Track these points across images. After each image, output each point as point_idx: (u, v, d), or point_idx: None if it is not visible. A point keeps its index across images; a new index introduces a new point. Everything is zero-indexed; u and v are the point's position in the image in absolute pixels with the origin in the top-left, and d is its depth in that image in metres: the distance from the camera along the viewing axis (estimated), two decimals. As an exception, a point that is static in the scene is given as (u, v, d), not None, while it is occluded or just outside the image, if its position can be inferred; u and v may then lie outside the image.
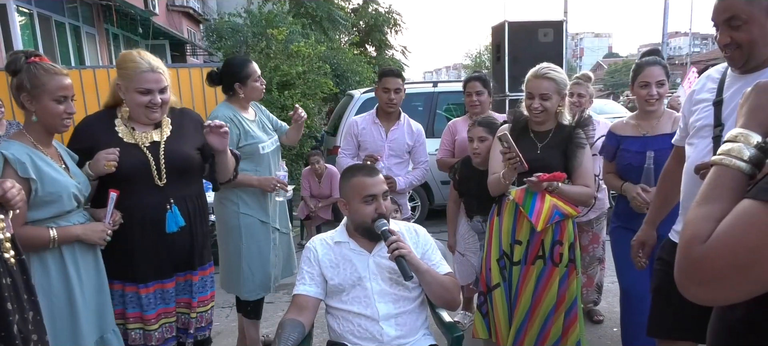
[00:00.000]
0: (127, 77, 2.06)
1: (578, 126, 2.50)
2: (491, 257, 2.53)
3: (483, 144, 2.84)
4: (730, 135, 0.93)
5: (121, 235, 2.04)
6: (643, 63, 2.65)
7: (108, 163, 1.97)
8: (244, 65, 2.84)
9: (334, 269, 2.02)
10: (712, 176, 0.92)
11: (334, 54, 12.87)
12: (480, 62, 43.94)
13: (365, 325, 1.96)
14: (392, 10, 19.72)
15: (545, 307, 2.46)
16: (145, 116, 2.10)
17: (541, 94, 2.41)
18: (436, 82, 7.28)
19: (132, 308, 2.13)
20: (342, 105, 7.51)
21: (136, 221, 2.07)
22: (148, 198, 2.08)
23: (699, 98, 1.82)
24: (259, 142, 2.83)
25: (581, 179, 2.45)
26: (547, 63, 2.49)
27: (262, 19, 11.24)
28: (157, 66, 2.08)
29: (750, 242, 0.77)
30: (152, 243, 2.11)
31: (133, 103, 2.07)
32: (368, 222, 1.96)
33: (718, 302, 0.86)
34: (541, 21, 4.33)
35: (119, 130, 2.11)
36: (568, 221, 2.45)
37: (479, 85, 3.34)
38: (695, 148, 1.78)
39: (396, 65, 20.21)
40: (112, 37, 12.59)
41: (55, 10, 9.77)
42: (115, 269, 2.09)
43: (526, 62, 4.07)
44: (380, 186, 1.99)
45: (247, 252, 2.82)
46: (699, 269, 0.82)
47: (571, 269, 2.46)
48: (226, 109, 2.79)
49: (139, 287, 2.12)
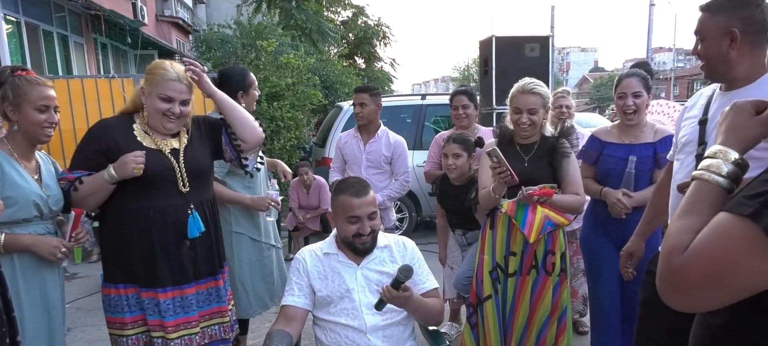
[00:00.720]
0: (153, 82, 2.07)
1: (561, 136, 2.55)
2: (483, 269, 2.55)
3: (458, 160, 2.89)
4: (709, 151, 0.98)
5: (139, 238, 2.05)
6: (622, 75, 2.75)
7: (137, 166, 1.97)
8: (246, 74, 2.86)
9: (322, 281, 2.03)
10: (692, 190, 0.96)
11: (324, 66, 12.91)
12: (468, 75, 44.29)
13: (353, 336, 1.97)
14: (381, 22, 19.79)
15: (540, 316, 2.51)
16: (161, 124, 2.10)
17: (529, 109, 2.47)
18: (425, 95, 7.33)
19: (151, 315, 2.11)
20: (331, 117, 7.53)
21: (156, 225, 2.07)
22: (170, 202, 2.09)
23: (689, 115, 1.87)
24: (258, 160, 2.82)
25: (571, 187, 2.49)
26: (529, 78, 2.54)
27: (251, 30, 11.26)
28: (183, 78, 2.11)
29: (724, 253, 0.81)
30: (173, 247, 2.10)
31: (153, 108, 2.08)
32: (349, 238, 1.99)
33: (696, 309, 0.90)
34: (528, 36, 4.40)
35: (138, 135, 2.11)
36: (559, 230, 2.49)
37: (465, 98, 3.43)
38: (681, 163, 1.83)
39: (385, 77, 20.30)
40: (101, 47, 12.52)
41: (43, 19, 9.71)
42: (131, 273, 2.09)
43: (514, 76, 4.13)
44: (365, 208, 1.97)
45: (239, 270, 2.79)
46: (677, 278, 0.86)
47: (563, 277, 2.51)
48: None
49: (157, 292, 2.10)
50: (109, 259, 2.15)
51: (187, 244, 2.12)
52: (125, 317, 2.12)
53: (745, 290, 0.82)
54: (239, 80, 2.82)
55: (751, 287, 0.81)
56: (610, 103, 39.61)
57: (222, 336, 2.28)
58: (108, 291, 2.14)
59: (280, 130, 8.05)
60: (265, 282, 2.86)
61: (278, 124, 8.01)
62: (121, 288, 2.11)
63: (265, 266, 2.86)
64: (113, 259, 2.12)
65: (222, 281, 2.27)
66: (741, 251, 0.79)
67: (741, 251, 0.79)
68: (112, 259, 2.13)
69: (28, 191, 1.90)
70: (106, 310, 2.17)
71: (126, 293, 2.11)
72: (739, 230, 0.80)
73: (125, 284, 2.11)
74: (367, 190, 2.02)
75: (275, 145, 7.83)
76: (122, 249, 2.09)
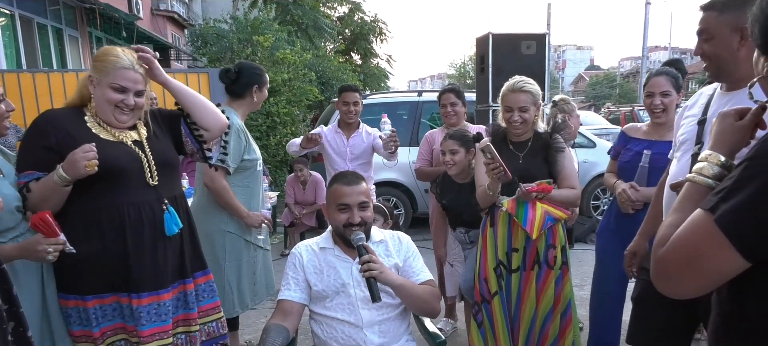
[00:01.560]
0: (104, 70, 1.86)
1: (554, 131, 2.57)
2: (487, 267, 2.57)
3: (455, 156, 2.89)
4: (701, 156, 1.07)
5: (112, 240, 1.85)
6: (652, 73, 2.74)
7: (89, 163, 1.71)
8: (263, 72, 2.85)
9: (318, 275, 2.03)
10: (684, 191, 1.05)
11: (320, 62, 12.89)
12: (464, 72, 44.30)
13: (349, 331, 1.98)
14: (378, 19, 19.78)
15: (543, 310, 2.53)
16: (113, 117, 1.88)
17: (520, 107, 2.49)
18: (421, 92, 7.34)
19: (130, 321, 1.92)
20: (327, 112, 7.53)
21: (131, 224, 1.87)
22: (142, 198, 1.90)
23: (689, 113, 1.88)
24: (258, 159, 2.80)
25: (566, 182, 2.52)
26: (519, 76, 2.56)
27: (247, 25, 11.22)
28: (138, 66, 1.91)
29: (691, 243, 0.91)
30: (149, 248, 1.91)
31: (103, 99, 1.86)
32: (340, 228, 2.00)
33: (681, 295, 0.98)
34: (525, 34, 4.40)
35: (92, 127, 1.88)
36: (558, 224, 2.51)
37: (453, 96, 3.53)
38: (678, 162, 1.85)
39: (381, 73, 20.28)
40: (96, 41, 12.46)
41: (38, 12, 9.65)
42: (106, 279, 1.88)
43: (510, 74, 4.12)
44: (355, 197, 2.00)
45: (229, 270, 2.77)
46: (660, 267, 0.97)
47: (565, 270, 2.53)
48: (236, 116, 2.69)
49: (131, 298, 1.89)
50: (71, 266, 1.83)
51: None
52: (93, 331, 1.88)
53: (716, 277, 0.91)
54: (258, 74, 2.79)
55: (719, 273, 0.90)
56: (606, 101, 39.75)
57: (219, 332, 2.18)
58: (69, 303, 1.88)
59: (276, 126, 8.04)
60: (249, 282, 2.83)
61: (274, 120, 8.01)
62: (89, 299, 1.87)
63: (251, 267, 2.84)
64: (79, 266, 1.83)
65: (192, 285, 2.08)
66: (703, 241, 0.89)
67: (703, 241, 0.89)
68: (78, 266, 1.83)
69: (10, 197, 1.73)
70: (68, 322, 1.90)
71: (100, 304, 1.89)
72: (701, 221, 0.90)
73: (97, 294, 1.88)
74: (360, 181, 2.06)
75: (271, 140, 7.82)
76: (94, 253, 1.83)
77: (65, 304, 1.88)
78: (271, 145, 7.79)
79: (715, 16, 1.64)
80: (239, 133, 2.65)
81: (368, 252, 1.91)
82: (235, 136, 2.63)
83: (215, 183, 2.63)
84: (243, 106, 2.79)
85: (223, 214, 2.73)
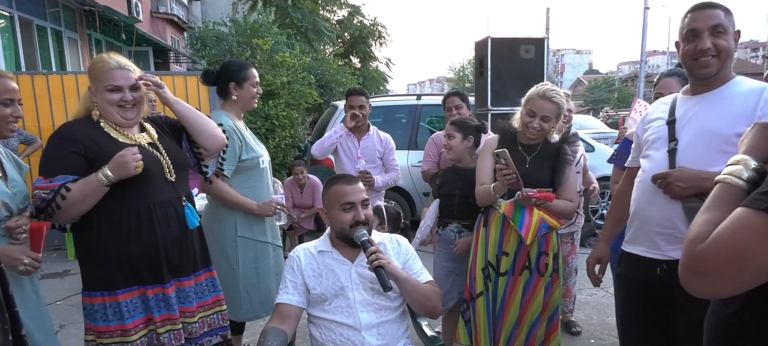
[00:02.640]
0: (97, 78, 1.99)
1: (565, 142, 2.56)
2: (476, 266, 2.58)
3: (451, 141, 2.92)
4: (732, 160, 1.10)
5: (143, 235, 1.96)
6: (662, 74, 2.79)
7: (138, 164, 1.88)
8: (244, 66, 2.78)
9: (316, 279, 2.03)
10: (715, 191, 1.07)
11: (319, 65, 12.91)
12: (463, 76, 44.35)
13: (347, 334, 1.98)
14: (377, 22, 19.81)
15: (531, 315, 2.53)
16: (118, 116, 2.01)
17: (543, 116, 2.46)
18: (420, 95, 7.34)
19: (159, 311, 2.03)
20: (326, 116, 7.53)
21: (159, 220, 2.00)
22: (165, 196, 2.03)
23: (652, 118, 2.00)
24: (259, 156, 2.77)
25: (566, 194, 2.52)
26: (550, 84, 2.53)
27: (247, 28, 11.24)
28: (124, 64, 2.02)
29: (741, 241, 0.92)
30: (174, 241, 2.05)
31: (105, 102, 1.99)
32: (346, 229, 2.00)
33: (714, 294, 1.00)
34: (524, 38, 4.40)
35: (110, 132, 2.01)
36: (552, 232, 2.53)
37: (458, 99, 3.63)
38: (650, 159, 1.93)
39: (380, 77, 20.30)
40: (95, 43, 12.46)
41: (37, 14, 9.65)
42: (136, 274, 1.98)
43: (509, 77, 4.18)
44: (358, 194, 2.03)
45: (244, 275, 2.74)
46: (698, 264, 0.97)
47: (555, 278, 2.54)
48: (227, 118, 2.66)
49: (165, 288, 2.03)
50: (102, 264, 1.96)
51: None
52: (126, 323, 1.98)
53: (759, 276, 0.92)
54: (235, 70, 2.73)
55: (764, 273, 0.92)
56: (605, 105, 39.79)
57: (220, 324, 2.27)
58: (95, 300, 1.97)
59: (275, 129, 8.05)
60: (260, 286, 2.78)
61: (273, 123, 8.01)
62: (119, 294, 1.97)
63: (268, 269, 2.81)
64: (110, 263, 1.96)
65: (193, 282, 2.18)
66: (755, 240, 0.90)
67: (755, 240, 0.90)
68: (108, 264, 1.96)
69: (2, 194, 1.78)
70: (93, 319, 1.99)
71: (130, 297, 1.99)
72: (755, 221, 0.91)
73: (126, 288, 1.98)
74: (358, 181, 2.11)
75: (270, 143, 7.82)
76: (125, 250, 1.95)
77: (91, 301, 1.99)
78: (270, 149, 7.79)
79: (724, 15, 1.78)
80: (232, 135, 2.62)
81: (372, 245, 1.94)
82: (229, 140, 2.60)
83: (213, 190, 2.64)
84: (232, 106, 2.73)
85: (234, 218, 2.71)
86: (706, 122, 1.79)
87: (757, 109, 1.72)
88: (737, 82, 1.83)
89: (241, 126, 2.73)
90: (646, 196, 1.91)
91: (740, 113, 1.74)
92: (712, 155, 1.74)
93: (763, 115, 1.70)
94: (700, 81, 1.86)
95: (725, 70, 1.82)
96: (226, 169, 2.63)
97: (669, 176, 1.79)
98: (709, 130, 1.78)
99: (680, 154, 1.82)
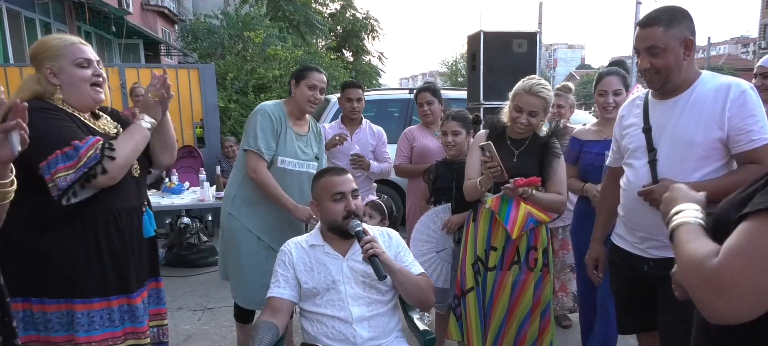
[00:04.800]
0: (58, 55, 1.74)
1: (554, 135, 2.56)
2: (466, 262, 2.58)
3: (457, 137, 2.89)
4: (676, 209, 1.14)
5: (108, 240, 1.80)
6: (602, 73, 2.88)
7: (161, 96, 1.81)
8: (309, 69, 2.81)
9: (308, 273, 2.03)
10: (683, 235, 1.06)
11: (311, 58, 12.84)
12: (456, 70, 44.33)
13: (339, 327, 1.98)
14: (370, 16, 19.78)
15: (521, 311, 2.52)
16: (90, 96, 1.78)
17: (530, 111, 2.45)
18: (412, 89, 7.33)
19: (122, 324, 1.86)
20: (318, 109, 7.50)
21: (124, 225, 1.86)
22: (130, 201, 1.88)
23: (627, 123, 2.04)
24: (280, 155, 2.70)
25: (555, 187, 2.52)
26: (536, 78, 2.52)
27: (238, 21, 11.18)
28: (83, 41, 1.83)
29: (760, 247, 0.85)
30: (137, 247, 1.92)
31: (76, 79, 1.75)
32: (339, 220, 2.01)
33: (743, 315, 0.88)
34: (516, 32, 4.39)
35: (86, 120, 1.80)
36: (541, 227, 2.51)
37: (429, 95, 3.59)
38: (632, 168, 1.98)
39: (373, 71, 20.27)
40: (85, 35, 12.34)
41: (25, 5, 9.54)
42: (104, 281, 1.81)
43: (501, 72, 4.17)
44: (348, 184, 2.04)
45: (247, 264, 2.74)
46: (717, 279, 0.89)
47: (545, 273, 2.53)
48: (274, 106, 2.73)
49: (130, 298, 1.88)
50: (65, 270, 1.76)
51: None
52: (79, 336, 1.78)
53: None
54: (299, 70, 2.85)
55: None
56: (596, 100, 39.95)
57: (160, 339, 2.11)
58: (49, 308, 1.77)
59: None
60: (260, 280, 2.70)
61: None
62: (77, 303, 1.78)
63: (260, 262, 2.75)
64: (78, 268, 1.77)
65: (162, 283, 2.12)
66: None
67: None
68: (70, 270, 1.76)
69: None
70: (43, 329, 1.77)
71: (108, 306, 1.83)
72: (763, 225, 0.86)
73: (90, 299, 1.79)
74: (347, 172, 2.10)
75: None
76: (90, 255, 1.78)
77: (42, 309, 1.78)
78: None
79: (663, 30, 1.77)
80: (264, 116, 2.67)
81: (367, 235, 1.95)
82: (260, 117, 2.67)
83: (257, 173, 2.65)
84: (289, 102, 2.83)
85: (255, 215, 2.71)
86: (681, 131, 1.83)
87: (725, 111, 1.76)
88: (703, 80, 1.84)
89: (289, 122, 2.75)
90: (633, 205, 1.96)
91: (711, 119, 1.78)
92: (691, 163, 1.81)
93: (731, 115, 1.75)
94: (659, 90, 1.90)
95: (683, 75, 1.82)
96: (266, 153, 2.64)
97: (653, 192, 1.84)
98: (686, 138, 1.82)
99: (661, 165, 1.87)
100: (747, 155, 1.75)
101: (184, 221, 5.30)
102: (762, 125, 1.75)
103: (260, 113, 2.69)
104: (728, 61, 47.64)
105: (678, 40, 1.77)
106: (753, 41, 52.88)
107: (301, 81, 2.73)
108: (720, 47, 59.71)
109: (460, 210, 2.85)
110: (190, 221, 5.33)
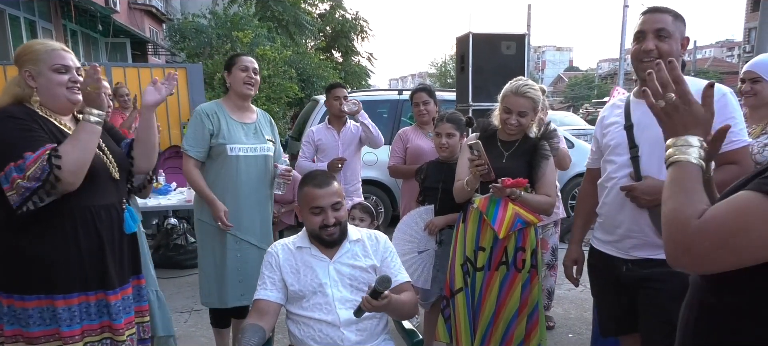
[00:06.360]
0: (37, 60, 1.80)
1: (543, 138, 2.58)
2: (455, 262, 2.59)
3: (451, 139, 2.90)
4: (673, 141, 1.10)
5: (86, 236, 1.82)
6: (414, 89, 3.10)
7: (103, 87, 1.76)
8: (236, 55, 2.93)
9: (294, 275, 2.02)
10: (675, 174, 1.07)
11: (300, 59, 12.82)
12: (445, 71, 44.47)
13: (326, 330, 1.97)
14: (359, 16, 19.79)
15: (508, 312, 2.52)
16: (67, 99, 1.83)
17: (519, 112, 2.47)
18: (402, 90, 7.33)
19: (96, 319, 1.88)
20: (307, 110, 7.48)
21: (103, 222, 1.86)
22: (108, 199, 1.90)
23: (608, 122, 2.08)
24: (228, 144, 2.74)
25: (543, 189, 2.53)
26: (524, 79, 2.54)
27: (227, 20, 11.12)
28: (66, 47, 1.88)
29: (743, 221, 0.92)
30: (117, 244, 1.93)
31: (52, 84, 1.80)
32: (316, 231, 2.01)
33: (702, 270, 1.01)
34: (505, 34, 4.41)
35: (55, 122, 1.83)
36: (530, 228, 2.52)
37: (425, 95, 3.64)
38: (614, 164, 2.00)
39: (362, 72, 20.27)
40: (70, 34, 12.19)
41: (9, 3, 9.40)
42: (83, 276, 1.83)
43: (490, 73, 4.18)
44: (328, 198, 1.98)
45: (203, 260, 2.86)
46: (695, 241, 0.96)
47: (533, 274, 2.54)
48: (209, 104, 2.87)
49: (107, 294, 1.88)
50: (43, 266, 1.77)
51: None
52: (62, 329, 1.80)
53: (751, 257, 0.92)
54: (227, 60, 2.93)
55: (758, 255, 0.92)
56: (585, 102, 40.31)
57: (141, 336, 2.12)
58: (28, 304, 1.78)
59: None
60: (218, 276, 2.82)
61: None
62: (58, 298, 1.79)
63: (234, 262, 2.81)
64: (54, 265, 1.78)
65: (144, 280, 2.13)
66: (757, 221, 0.90)
67: (757, 221, 0.90)
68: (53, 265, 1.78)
69: None
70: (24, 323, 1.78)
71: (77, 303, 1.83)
72: (753, 202, 0.92)
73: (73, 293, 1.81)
74: (331, 181, 2.04)
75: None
76: (80, 252, 1.81)
77: (23, 305, 1.78)
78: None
79: (672, 19, 1.84)
80: (200, 117, 2.77)
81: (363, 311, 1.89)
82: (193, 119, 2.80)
83: (184, 168, 2.80)
84: (227, 98, 2.90)
85: (200, 203, 2.82)
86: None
87: None
88: None
89: (230, 114, 2.81)
90: (615, 202, 1.98)
91: None
92: None
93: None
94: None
95: None
96: (191, 151, 2.75)
97: (635, 189, 1.86)
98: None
99: (643, 163, 1.90)
100: (726, 156, 1.78)
101: (171, 222, 5.25)
102: (741, 128, 1.82)
103: (194, 114, 2.84)
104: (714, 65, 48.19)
105: (680, 33, 1.86)
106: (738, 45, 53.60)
107: (232, 67, 2.82)
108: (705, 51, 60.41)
109: (443, 212, 2.86)
110: (177, 221, 5.29)
